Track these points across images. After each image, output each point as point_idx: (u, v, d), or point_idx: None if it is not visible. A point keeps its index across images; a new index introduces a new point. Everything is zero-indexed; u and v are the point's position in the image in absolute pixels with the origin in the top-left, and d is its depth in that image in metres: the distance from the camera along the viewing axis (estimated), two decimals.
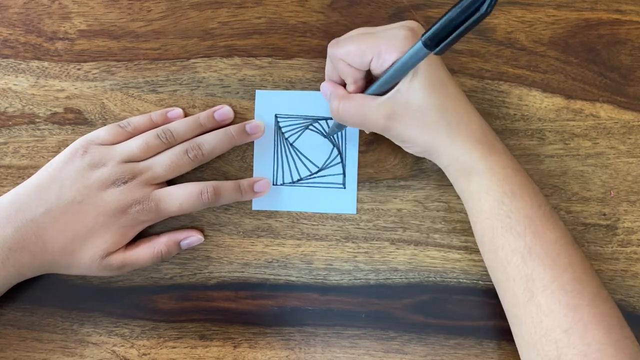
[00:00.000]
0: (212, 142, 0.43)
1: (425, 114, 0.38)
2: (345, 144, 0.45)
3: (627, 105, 0.45)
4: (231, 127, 0.44)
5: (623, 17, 0.45)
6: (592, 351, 0.35)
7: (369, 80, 0.40)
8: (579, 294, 0.36)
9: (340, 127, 0.44)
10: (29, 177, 0.42)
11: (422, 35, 0.32)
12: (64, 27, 0.46)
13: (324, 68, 0.45)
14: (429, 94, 0.37)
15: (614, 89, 0.45)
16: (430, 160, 0.45)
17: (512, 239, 0.37)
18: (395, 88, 0.38)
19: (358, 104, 0.39)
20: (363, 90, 0.40)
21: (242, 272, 0.45)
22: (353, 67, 0.39)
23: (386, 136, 0.40)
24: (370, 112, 0.39)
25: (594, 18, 0.45)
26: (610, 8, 0.45)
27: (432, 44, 0.32)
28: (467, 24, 0.30)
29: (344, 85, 0.41)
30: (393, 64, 0.37)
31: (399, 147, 0.41)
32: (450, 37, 0.31)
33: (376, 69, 0.38)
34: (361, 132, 0.45)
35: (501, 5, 0.45)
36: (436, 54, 0.32)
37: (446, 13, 0.30)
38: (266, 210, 0.45)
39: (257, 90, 0.45)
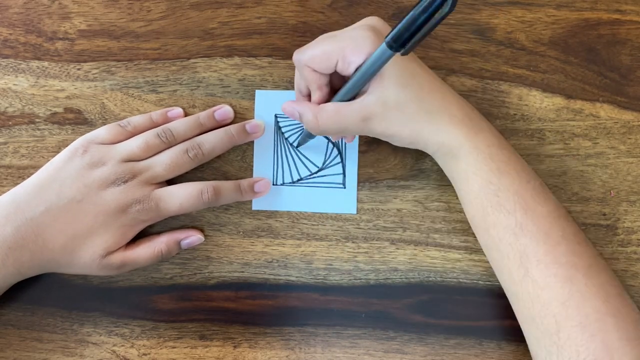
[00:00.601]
0: (212, 141, 0.43)
1: (403, 109, 0.38)
2: (345, 143, 0.45)
3: (627, 105, 0.45)
4: (231, 127, 0.44)
5: (623, 17, 0.45)
6: (590, 321, 0.34)
7: (332, 87, 0.40)
8: (574, 266, 0.36)
9: (310, 136, 0.44)
10: (29, 177, 0.42)
11: (386, 36, 0.32)
12: (64, 27, 0.46)
13: None
14: (403, 89, 0.37)
15: (614, 89, 0.45)
16: (430, 160, 0.45)
17: (502, 217, 0.37)
18: (368, 90, 0.38)
19: (334, 113, 0.39)
20: (328, 96, 0.40)
21: (242, 272, 0.45)
22: (318, 72, 0.38)
23: (371, 136, 0.40)
24: (348, 118, 0.38)
25: (594, 18, 0.45)
26: (610, 8, 0.45)
27: (397, 45, 0.31)
28: (430, 22, 0.29)
29: (308, 97, 0.41)
30: (359, 67, 0.36)
31: (400, 147, 0.41)
32: (415, 38, 0.30)
33: (343, 72, 0.38)
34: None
35: (501, 5, 0.45)
36: (402, 54, 0.32)
37: (408, 13, 0.30)
38: (266, 210, 0.45)
39: (257, 90, 0.45)
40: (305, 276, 0.45)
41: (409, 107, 0.38)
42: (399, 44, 0.31)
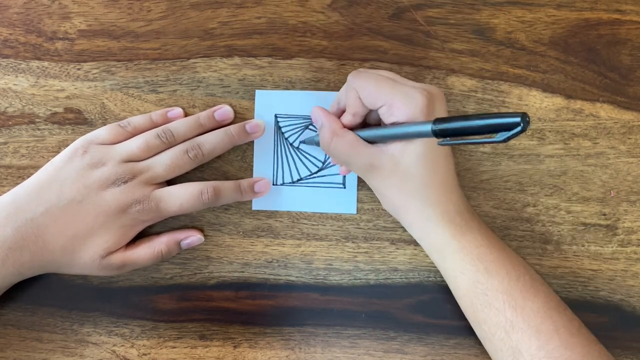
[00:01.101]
0: (212, 141, 0.43)
1: (407, 181, 0.38)
2: None
3: (627, 105, 0.45)
4: (231, 127, 0.44)
5: (623, 17, 0.45)
6: None
7: (365, 121, 0.41)
8: None
9: (318, 144, 0.44)
10: (29, 177, 0.42)
11: (435, 120, 0.32)
12: (64, 27, 0.46)
13: (324, 68, 0.45)
14: (419, 165, 0.38)
15: (614, 89, 0.45)
16: None
17: (492, 314, 0.37)
18: (391, 144, 0.38)
19: (350, 145, 0.39)
20: (357, 126, 0.40)
21: (242, 272, 0.45)
22: (361, 102, 0.39)
23: (365, 181, 0.41)
24: (358, 156, 0.39)
25: (594, 18, 0.45)
26: (610, 8, 0.45)
27: (440, 134, 0.32)
28: (479, 140, 0.29)
29: (341, 113, 0.41)
30: (397, 123, 0.37)
31: None
32: (457, 141, 0.31)
33: (382, 117, 0.38)
34: None
35: (501, 5, 0.45)
36: (439, 144, 0.32)
37: (468, 117, 0.30)
38: (266, 210, 0.45)
39: (257, 90, 0.45)
40: (305, 276, 0.45)
41: (413, 183, 0.38)
42: (443, 134, 0.32)
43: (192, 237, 0.44)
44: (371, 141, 0.39)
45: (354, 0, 0.45)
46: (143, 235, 0.44)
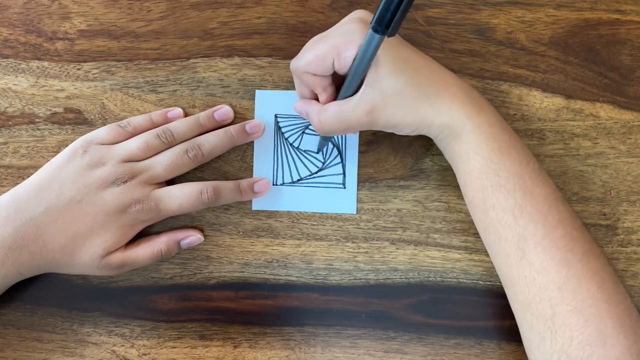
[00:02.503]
0: (212, 142, 0.43)
1: (402, 96, 0.38)
2: (345, 143, 0.45)
3: (627, 105, 0.45)
4: (231, 127, 0.44)
5: (623, 17, 0.45)
6: (585, 307, 0.35)
7: (338, 84, 0.40)
8: (570, 250, 0.36)
9: (326, 139, 0.44)
10: (29, 177, 0.42)
11: (371, 24, 0.32)
12: (64, 27, 0.46)
13: None
14: (398, 75, 0.37)
15: (614, 89, 0.45)
16: (430, 160, 0.45)
17: (502, 197, 0.37)
18: (365, 82, 0.37)
19: (335, 112, 0.39)
20: (335, 95, 0.40)
21: (242, 272, 0.45)
22: (317, 75, 0.38)
23: (375, 129, 0.40)
24: (350, 114, 0.38)
25: (594, 18, 0.45)
26: (610, 8, 0.45)
27: (382, 27, 0.32)
28: None
29: (316, 98, 0.41)
30: (354, 60, 0.36)
31: (399, 147, 0.41)
32: (397, 16, 0.31)
33: (341, 70, 0.38)
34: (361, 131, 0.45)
35: (501, 5, 0.45)
36: (389, 36, 0.32)
37: None
38: (266, 210, 0.45)
39: (257, 91, 0.45)
40: (305, 276, 0.45)
41: (408, 93, 0.38)
42: (384, 25, 0.32)
43: (192, 237, 0.44)
44: (352, 94, 0.38)
45: (354, 0, 0.45)
46: (143, 235, 0.44)
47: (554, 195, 0.38)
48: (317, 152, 0.45)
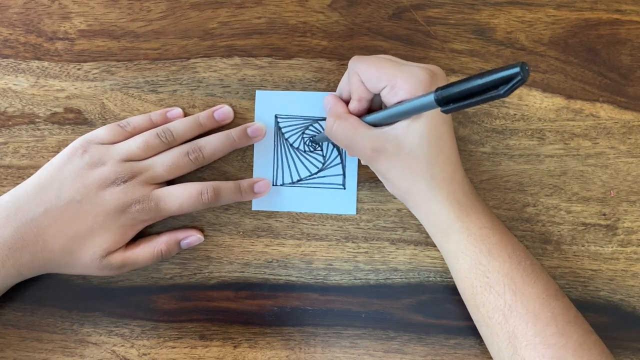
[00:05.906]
0: (213, 144, 0.43)
1: (413, 162, 0.38)
2: None
3: (627, 105, 0.45)
4: (233, 130, 0.44)
5: (623, 17, 0.45)
6: None
7: (371, 107, 0.40)
8: (562, 347, 0.35)
9: (327, 138, 0.44)
10: (29, 177, 0.42)
11: (437, 89, 0.32)
12: (64, 27, 0.46)
13: (324, 68, 0.45)
14: (423, 144, 0.37)
15: (614, 89, 0.45)
16: None
17: (491, 297, 0.37)
18: (393, 125, 0.38)
19: (351, 127, 0.39)
20: (363, 112, 0.40)
21: (242, 272, 0.45)
22: (364, 86, 0.39)
23: (370, 168, 0.41)
24: (361, 139, 0.39)
25: (594, 18, 0.45)
26: (610, 8, 0.45)
27: (443, 101, 0.32)
28: (482, 97, 0.29)
29: (347, 103, 0.41)
30: (401, 102, 0.36)
31: None
32: (461, 103, 0.31)
33: (386, 99, 0.38)
34: None
35: (501, 5, 0.45)
36: (443, 111, 0.32)
37: (468, 79, 0.30)
38: (266, 211, 0.45)
39: (257, 91, 0.45)
40: (305, 276, 0.45)
41: (418, 164, 0.38)
42: (445, 101, 0.32)
43: (192, 237, 0.44)
44: (376, 125, 0.39)
45: (354, 0, 0.45)
46: (143, 235, 0.44)
47: (546, 293, 0.37)
48: (314, 144, 0.45)
